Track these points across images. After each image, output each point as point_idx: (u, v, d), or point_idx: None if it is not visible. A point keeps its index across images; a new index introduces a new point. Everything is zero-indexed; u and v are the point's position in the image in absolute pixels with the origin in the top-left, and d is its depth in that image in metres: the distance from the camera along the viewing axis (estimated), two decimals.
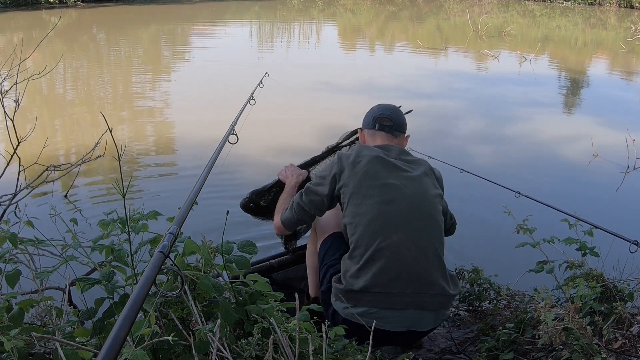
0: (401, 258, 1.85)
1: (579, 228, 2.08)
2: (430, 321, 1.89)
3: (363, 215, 1.90)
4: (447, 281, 1.91)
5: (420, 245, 1.87)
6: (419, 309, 1.86)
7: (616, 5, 22.49)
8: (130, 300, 0.80)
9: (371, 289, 1.85)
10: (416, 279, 1.85)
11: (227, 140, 1.86)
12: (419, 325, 1.88)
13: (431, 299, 1.86)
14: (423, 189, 1.95)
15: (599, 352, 1.59)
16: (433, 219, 1.93)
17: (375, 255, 1.86)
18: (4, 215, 2.15)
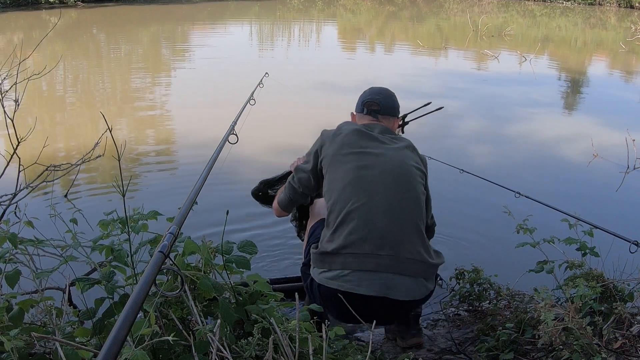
0: (374, 219, 1.82)
1: (579, 228, 2.08)
2: (407, 289, 1.81)
3: (338, 181, 1.90)
4: (427, 249, 1.87)
5: (395, 209, 1.84)
6: (392, 273, 1.79)
7: (616, 5, 22.49)
8: (130, 300, 0.80)
9: (343, 250, 1.82)
10: (390, 241, 1.81)
11: (227, 140, 1.86)
12: (394, 292, 1.80)
13: (406, 263, 1.81)
14: (401, 158, 1.93)
15: (599, 352, 1.59)
16: (411, 186, 1.89)
17: (348, 217, 1.84)
18: (4, 215, 2.15)
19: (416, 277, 1.83)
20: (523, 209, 2.30)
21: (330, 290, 1.84)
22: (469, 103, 7.09)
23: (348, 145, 1.93)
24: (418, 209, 1.89)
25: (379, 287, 1.80)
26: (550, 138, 5.71)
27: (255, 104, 2.55)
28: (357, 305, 1.82)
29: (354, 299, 1.81)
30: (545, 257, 2.08)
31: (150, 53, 11.24)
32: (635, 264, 2.02)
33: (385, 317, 1.95)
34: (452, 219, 3.62)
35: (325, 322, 1.33)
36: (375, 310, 1.85)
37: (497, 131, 6.01)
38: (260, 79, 2.99)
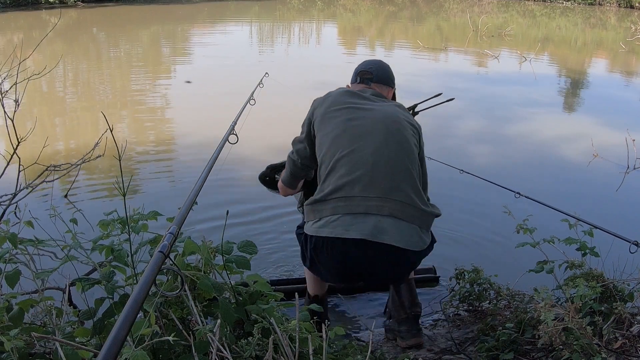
0: (364, 164, 1.81)
1: (579, 228, 2.08)
2: (399, 233, 1.77)
3: (328, 135, 1.91)
4: (420, 197, 1.85)
5: (385, 155, 1.83)
6: (383, 215, 1.76)
7: (616, 5, 22.49)
8: (130, 300, 0.80)
9: (332, 195, 1.81)
10: (380, 184, 1.79)
11: (227, 140, 1.86)
12: (385, 236, 1.76)
13: (396, 206, 1.77)
14: (392, 111, 1.94)
15: (599, 352, 1.59)
16: (402, 136, 1.88)
17: (337, 164, 1.84)
18: (4, 215, 2.15)
19: (408, 222, 1.79)
20: (523, 209, 2.30)
21: (320, 240, 1.80)
22: (469, 103, 7.09)
23: (337, 103, 1.95)
24: (410, 158, 1.87)
25: (370, 230, 1.76)
26: (550, 138, 5.71)
27: (255, 104, 2.55)
28: (348, 253, 1.78)
29: (345, 245, 1.77)
30: (545, 257, 2.08)
31: (150, 53, 11.24)
32: (635, 264, 2.02)
33: (380, 270, 1.89)
34: (452, 219, 3.62)
35: (325, 322, 1.33)
36: (368, 259, 1.80)
37: (497, 131, 6.01)
38: (260, 79, 2.99)
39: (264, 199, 3.87)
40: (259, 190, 4.07)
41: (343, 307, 2.63)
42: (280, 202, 3.76)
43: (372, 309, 2.66)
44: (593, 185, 4.46)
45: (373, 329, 1.63)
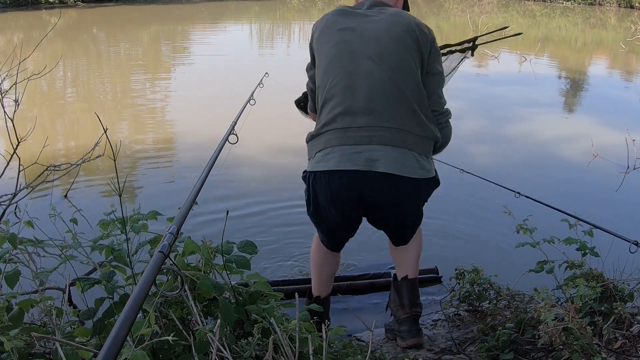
0: (354, 92, 1.77)
1: (579, 228, 2.08)
2: (393, 161, 1.73)
3: (321, 64, 1.89)
4: (415, 119, 1.79)
5: (375, 79, 1.78)
6: (375, 144, 1.73)
7: (616, 5, 22.48)
8: (130, 300, 0.80)
9: (326, 127, 1.80)
10: (371, 112, 1.75)
11: (227, 140, 1.86)
12: (378, 164, 1.73)
13: (388, 133, 1.74)
14: (386, 26, 1.84)
15: (599, 352, 1.59)
16: (395, 53, 1.80)
17: (329, 95, 1.82)
18: (3, 216, 2.15)
19: (403, 148, 1.75)
20: (523, 209, 2.30)
21: (317, 176, 1.79)
22: (469, 103, 7.09)
23: (329, 26, 1.91)
24: (405, 77, 1.79)
25: (363, 160, 1.73)
26: (550, 138, 5.71)
27: (255, 104, 2.55)
28: (345, 186, 1.76)
29: (341, 178, 1.75)
30: (545, 257, 2.08)
31: (150, 53, 11.24)
32: (635, 264, 2.02)
33: (382, 204, 1.85)
34: (452, 219, 3.62)
35: (325, 322, 1.33)
36: (366, 191, 1.78)
37: (497, 131, 6.01)
38: (260, 79, 2.98)
39: (264, 199, 3.88)
40: (259, 191, 4.09)
41: (343, 307, 2.63)
42: (280, 202, 3.77)
43: (372, 309, 2.66)
44: (593, 185, 4.46)
45: (373, 329, 1.63)
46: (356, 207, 1.90)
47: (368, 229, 2.14)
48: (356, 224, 2.08)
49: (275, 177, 4.26)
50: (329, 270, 2.28)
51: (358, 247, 3.18)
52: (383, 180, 1.76)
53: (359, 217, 2.02)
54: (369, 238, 3.26)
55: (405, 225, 2.08)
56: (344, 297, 2.71)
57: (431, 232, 3.27)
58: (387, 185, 1.78)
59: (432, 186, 1.97)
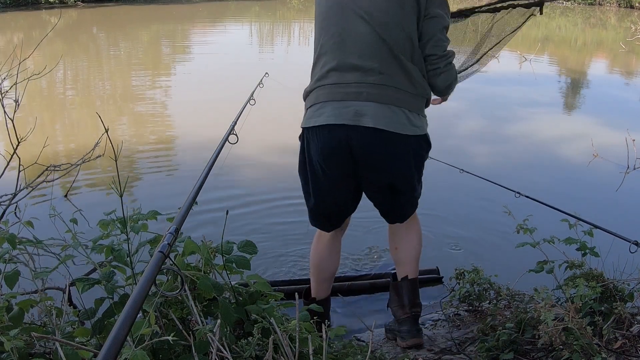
0: (343, 48, 1.79)
1: (579, 228, 2.08)
2: (381, 116, 1.75)
3: (317, 17, 1.90)
4: (405, 73, 1.78)
5: (364, 34, 1.78)
6: (360, 101, 1.75)
7: (616, 5, 22.48)
8: (130, 300, 0.80)
9: (318, 83, 1.84)
10: (357, 68, 1.77)
11: (227, 140, 1.86)
12: (365, 119, 1.75)
13: (375, 90, 1.76)
14: None
15: (599, 352, 1.59)
16: (386, 8, 1.78)
17: (323, 50, 1.85)
18: (3, 215, 2.15)
19: (391, 105, 1.76)
20: (523, 209, 2.30)
21: (309, 131, 1.83)
22: (469, 103, 7.08)
23: None
24: (396, 34, 1.78)
25: (351, 115, 1.76)
26: (550, 138, 5.71)
27: (255, 104, 2.55)
28: (335, 140, 1.79)
29: (330, 132, 1.78)
30: (545, 257, 2.07)
31: (150, 53, 11.24)
32: (635, 264, 2.02)
33: (373, 161, 1.86)
34: (452, 219, 3.62)
35: (325, 322, 1.33)
36: (355, 146, 1.79)
37: (497, 131, 6.01)
38: (260, 79, 2.98)
39: (264, 199, 3.88)
40: (259, 190, 4.09)
41: (343, 307, 2.63)
42: (281, 202, 3.77)
43: (372, 309, 2.66)
44: (593, 185, 4.46)
45: (373, 329, 1.63)
46: (346, 163, 1.88)
47: (369, 229, 2.14)
48: (346, 188, 2.00)
49: (275, 177, 4.26)
50: (327, 271, 2.28)
51: (359, 247, 3.18)
52: (370, 134, 1.78)
53: (349, 177, 1.96)
54: (370, 238, 3.28)
55: (397, 190, 2.01)
56: (344, 297, 2.71)
57: (431, 232, 3.27)
58: (374, 140, 1.79)
59: (422, 146, 1.94)
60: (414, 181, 2.03)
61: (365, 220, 3.18)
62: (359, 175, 1.96)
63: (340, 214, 2.15)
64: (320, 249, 2.24)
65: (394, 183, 1.99)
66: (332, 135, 1.82)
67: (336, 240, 2.25)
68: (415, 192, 2.09)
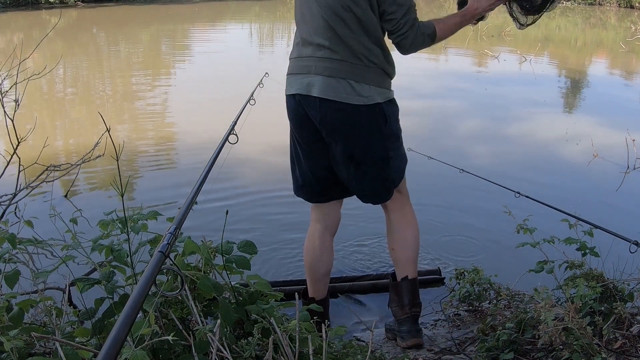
0: (303, 24, 1.97)
1: (579, 228, 2.08)
2: (325, 86, 1.89)
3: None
4: (352, 48, 1.88)
5: (314, 10, 1.91)
6: (311, 74, 1.92)
7: (616, 5, 22.47)
8: (130, 300, 0.80)
9: (290, 56, 2.03)
10: (309, 43, 1.94)
11: (227, 140, 1.86)
12: (312, 89, 1.92)
13: (323, 63, 1.91)
14: None
15: (599, 352, 1.59)
16: None
17: (297, 27, 2.02)
18: (3, 215, 2.15)
19: (336, 77, 1.89)
20: (523, 209, 2.30)
21: (286, 100, 2.04)
22: (469, 103, 7.09)
23: None
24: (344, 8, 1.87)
25: (305, 86, 1.93)
26: (550, 138, 5.70)
27: (255, 104, 2.55)
28: (297, 108, 1.99)
29: (295, 101, 1.98)
30: (545, 257, 2.07)
31: (150, 53, 11.24)
32: (635, 264, 2.02)
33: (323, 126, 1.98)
34: (451, 219, 3.62)
35: (325, 322, 1.33)
36: (313, 115, 1.96)
37: (497, 131, 6.01)
38: (260, 79, 2.98)
39: (264, 199, 3.88)
40: (259, 190, 4.09)
41: (343, 307, 2.63)
42: (281, 202, 3.77)
43: (373, 309, 2.66)
44: (593, 185, 4.45)
45: (373, 329, 1.63)
46: (312, 133, 2.04)
47: (369, 230, 2.14)
48: (319, 157, 2.10)
49: (275, 177, 4.25)
50: (320, 270, 2.28)
51: (359, 248, 3.18)
52: (319, 103, 1.93)
53: (320, 146, 2.06)
54: (371, 238, 3.28)
55: (357, 162, 2.03)
56: (345, 298, 2.71)
57: (431, 232, 3.27)
58: (324, 109, 1.94)
59: (377, 115, 1.96)
60: (376, 154, 2.03)
61: (365, 221, 3.18)
62: (326, 140, 2.05)
63: (318, 184, 2.18)
64: (311, 249, 2.26)
65: (353, 153, 2.03)
66: (296, 105, 2.00)
67: (326, 239, 2.26)
68: (382, 169, 2.06)
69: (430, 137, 5.41)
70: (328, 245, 2.28)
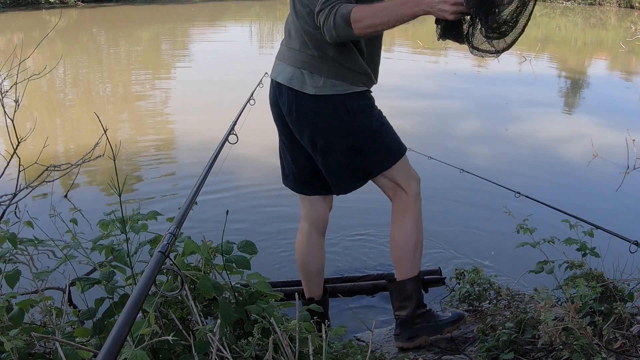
0: (290, 16, 2.04)
1: (579, 228, 2.08)
2: (287, 74, 1.99)
3: None
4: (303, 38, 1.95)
5: (290, 5, 2.01)
6: (281, 61, 2.05)
7: (616, 5, 22.48)
8: (130, 300, 0.80)
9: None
10: (286, 33, 2.06)
11: (227, 140, 1.86)
12: (280, 76, 2.02)
13: (286, 52, 2.03)
14: None
15: (599, 352, 1.59)
16: None
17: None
18: (4, 215, 2.15)
19: (292, 66, 1.98)
20: (523, 209, 2.30)
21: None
22: (469, 103, 7.09)
23: None
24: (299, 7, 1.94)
25: (276, 73, 2.05)
26: (550, 138, 5.71)
27: (255, 104, 2.55)
28: (274, 93, 2.08)
29: (273, 85, 2.09)
30: (545, 257, 2.07)
31: (150, 53, 11.24)
32: (635, 264, 2.02)
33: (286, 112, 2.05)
34: (451, 219, 3.62)
35: (325, 322, 1.33)
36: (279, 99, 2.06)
37: (497, 131, 6.01)
38: (260, 78, 2.98)
39: (264, 199, 3.88)
40: (259, 190, 4.09)
41: (343, 307, 2.63)
42: (281, 202, 3.77)
43: (373, 309, 2.66)
44: (593, 186, 4.45)
45: (373, 329, 1.63)
46: (284, 120, 2.09)
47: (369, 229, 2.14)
48: (296, 146, 2.13)
49: (275, 177, 4.23)
50: (312, 270, 2.28)
51: (360, 248, 3.18)
52: (279, 89, 2.03)
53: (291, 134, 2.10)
54: (371, 238, 3.28)
55: (319, 151, 2.04)
56: (345, 298, 2.71)
57: (431, 232, 3.27)
58: (285, 96, 2.02)
59: (339, 106, 1.96)
60: (339, 144, 2.03)
61: (367, 220, 3.18)
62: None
63: (300, 174, 2.20)
64: (300, 246, 2.27)
65: (314, 141, 2.04)
66: (273, 91, 2.10)
67: (313, 237, 2.26)
68: (351, 158, 2.05)
69: (430, 137, 5.41)
70: (316, 244, 2.26)
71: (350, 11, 1.75)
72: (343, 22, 1.76)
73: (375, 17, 1.77)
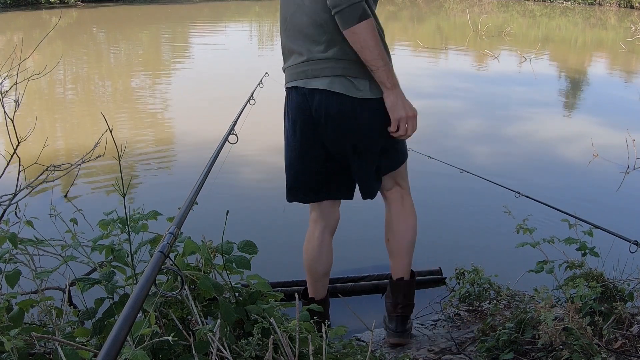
0: (283, 29, 2.01)
1: (579, 228, 2.08)
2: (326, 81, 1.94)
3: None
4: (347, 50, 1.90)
5: (295, 13, 1.94)
6: (315, 76, 1.96)
7: (616, 5, 22.47)
8: (130, 300, 0.80)
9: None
10: (306, 50, 2.00)
11: (227, 140, 1.86)
12: (314, 83, 1.96)
13: (320, 64, 1.97)
14: None
15: (599, 352, 1.59)
16: None
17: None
18: (4, 215, 2.15)
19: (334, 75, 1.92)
20: (523, 209, 2.30)
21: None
22: (469, 103, 7.09)
23: None
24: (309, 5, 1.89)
25: (305, 81, 1.97)
26: (550, 138, 5.71)
27: (255, 104, 2.55)
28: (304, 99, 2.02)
29: (294, 91, 2.03)
30: (545, 257, 2.07)
31: (150, 53, 11.24)
32: (635, 264, 2.02)
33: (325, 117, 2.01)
34: (451, 219, 3.62)
35: (325, 322, 1.33)
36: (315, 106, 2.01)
37: (497, 131, 6.01)
38: (260, 78, 2.98)
39: (264, 199, 3.88)
40: (259, 190, 4.09)
41: (343, 307, 2.63)
42: (280, 202, 3.76)
43: (373, 309, 2.66)
44: (593, 185, 4.45)
45: (373, 329, 1.63)
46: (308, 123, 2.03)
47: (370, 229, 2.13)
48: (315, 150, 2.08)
49: (275, 177, 4.24)
50: (320, 271, 2.28)
51: (360, 248, 3.18)
52: (314, 94, 1.96)
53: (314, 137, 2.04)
54: (371, 238, 3.27)
55: (356, 151, 2.04)
56: (345, 298, 2.71)
57: (431, 232, 3.27)
58: (322, 101, 1.96)
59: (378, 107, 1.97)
60: (375, 146, 2.05)
61: (367, 220, 3.18)
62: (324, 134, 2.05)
63: (313, 179, 2.15)
64: (310, 249, 2.26)
65: (355, 144, 2.03)
66: (294, 95, 2.05)
67: (325, 239, 2.26)
68: (374, 162, 2.08)
69: (430, 137, 5.40)
70: (327, 245, 2.28)
71: (370, 18, 1.85)
72: (357, 14, 1.80)
73: (376, 46, 1.87)
